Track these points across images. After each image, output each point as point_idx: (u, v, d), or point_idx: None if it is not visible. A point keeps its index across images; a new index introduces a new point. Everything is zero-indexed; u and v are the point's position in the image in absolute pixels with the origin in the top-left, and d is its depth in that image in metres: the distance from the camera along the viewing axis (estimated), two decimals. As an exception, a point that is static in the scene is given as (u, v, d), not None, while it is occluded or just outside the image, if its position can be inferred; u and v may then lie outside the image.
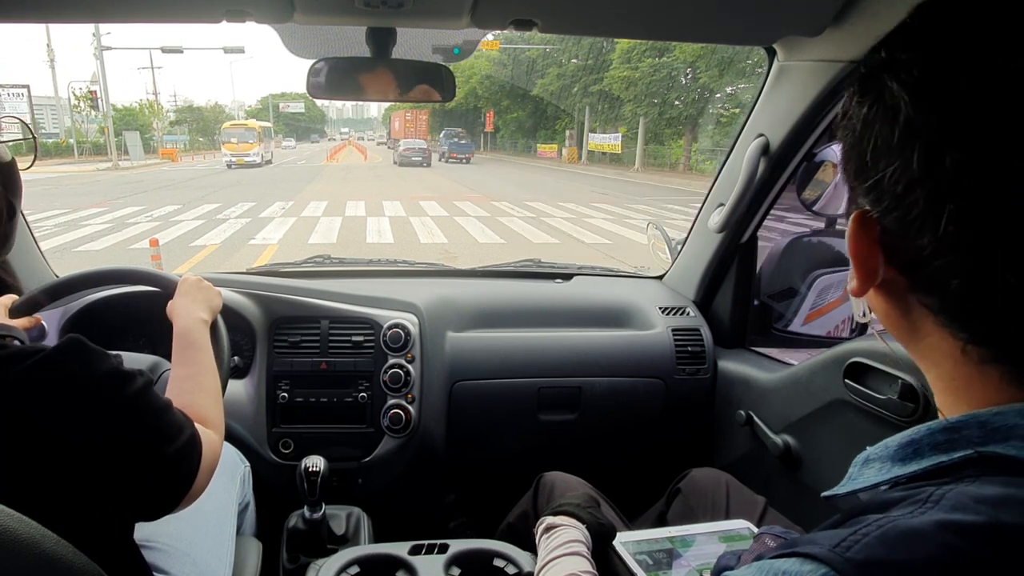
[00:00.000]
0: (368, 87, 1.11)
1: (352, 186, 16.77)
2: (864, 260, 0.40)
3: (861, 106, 0.39)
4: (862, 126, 0.38)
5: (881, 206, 0.38)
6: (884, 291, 0.41)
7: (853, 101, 0.40)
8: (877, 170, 0.37)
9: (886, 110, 0.36)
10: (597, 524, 0.92)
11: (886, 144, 0.37)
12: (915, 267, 0.38)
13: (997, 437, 0.35)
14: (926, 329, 0.39)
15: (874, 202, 0.38)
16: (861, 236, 0.40)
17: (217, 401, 0.87)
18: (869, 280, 0.40)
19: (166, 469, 0.68)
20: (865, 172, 0.38)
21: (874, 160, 0.37)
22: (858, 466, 0.42)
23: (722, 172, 1.49)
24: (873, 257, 0.40)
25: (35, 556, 0.50)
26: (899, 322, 0.42)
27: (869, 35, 1.02)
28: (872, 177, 0.38)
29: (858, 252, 0.40)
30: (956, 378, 0.39)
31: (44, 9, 1.03)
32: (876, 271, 0.40)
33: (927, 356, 0.41)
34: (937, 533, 0.31)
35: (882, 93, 0.37)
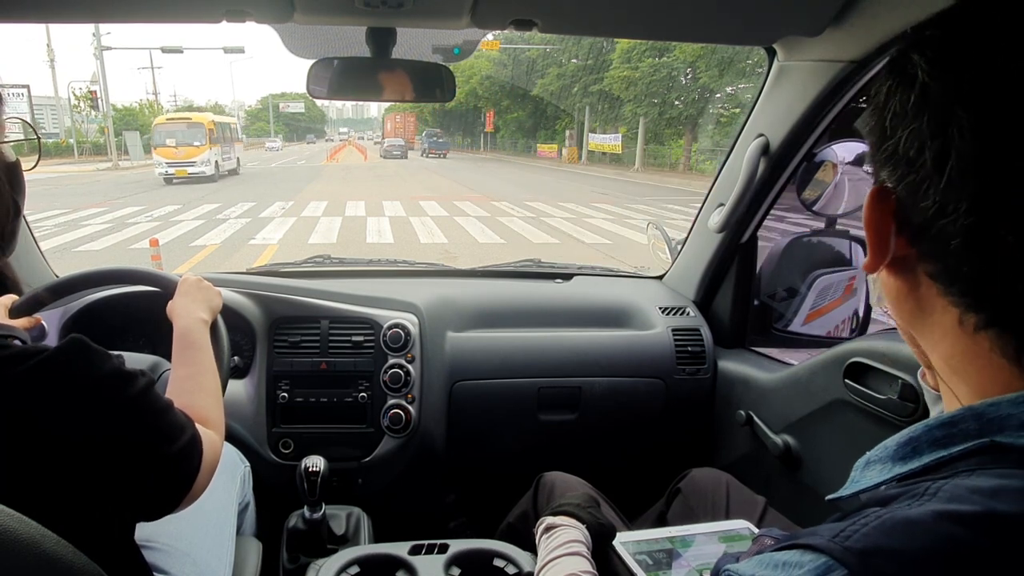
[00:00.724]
0: (368, 87, 1.11)
1: (352, 186, 16.77)
2: (878, 233, 0.42)
3: (886, 80, 0.41)
4: (884, 98, 0.41)
5: (896, 174, 0.40)
6: (895, 268, 0.43)
7: (882, 79, 0.42)
8: (895, 136, 0.39)
9: (906, 79, 0.39)
10: (597, 524, 0.92)
11: (903, 109, 0.39)
12: (922, 233, 0.39)
13: (992, 429, 0.36)
14: (931, 304, 0.41)
15: (891, 172, 0.41)
16: (876, 208, 0.42)
17: (218, 401, 0.87)
18: (882, 254, 0.42)
19: (167, 469, 0.68)
20: (884, 141, 0.41)
21: (892, 127, 0.40)
22: (859, 469, 0.43)
23: (722, 172, 1.49)
24: (886, 228, 0.41)
25: (35, 556, 0.50)
26: (906, 300, 0.43)
27: (869, 35, 1.02)
28: (890, 145, 0.40)
29: (872, 223, 0.42)
30: (954, 355, 0.40)
31: (44, 9, 1.03)
32: (888, 244, 0.41)
33: (931, 335, 0.42)
34: (935, 522, 0.32)
35: (905, 66, 0.40)
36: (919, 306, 0.42)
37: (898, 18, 0.96)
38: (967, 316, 0.38)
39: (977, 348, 0.38)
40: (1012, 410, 0.36)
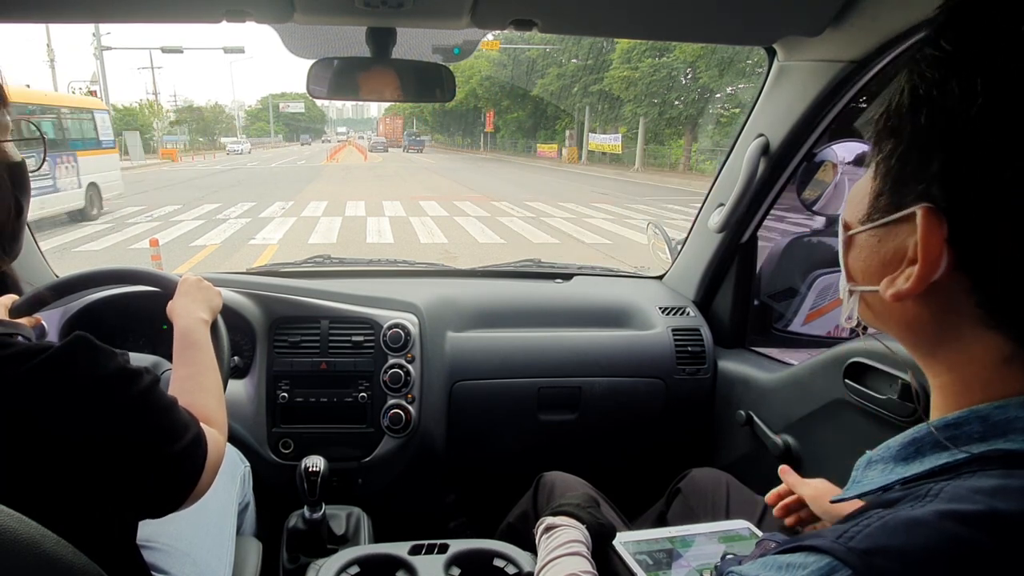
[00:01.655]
0: (368, 87, 1.11)
1: (352, 186, 16.77)
2: (931, 259, 0.37)
3: (948, 80, 0.35)
4: (957, 101, 0.34)
5: (956, 193, 0.35)
6: (925, 293, 0.38)
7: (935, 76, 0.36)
8: (963, 149, 0.34)
9: (987, 80, 0.33)
10: (597, 524, 0.92)
11: (982, 118, 0.33)
12: (983, 262, 0.35)
13: (997, 431, 0.36)
14: (959, 331, 0.38)
15: (948, 189, 0.35)
16: (932, 232, 0.36)
17: (220, 400, 0.87)
18: (926, 281, 0.37)
19: (172, 467, 0.68)
20: (946, 153, 0.35)
21: (962, 137, 0.34)
22: (861, 469, 0.43)
23: (722, 172, 1.49)
24: (939, 255, 0.36)
25: (35, 556, 0.50)
26: (926, 327, 0.40)
27: (869, 35, 1.02)
28: (952, 157, 0.35)
29: (928, 251, 0.37)
30: (977, 379, 0.38)
31: (44, 9, 1.03)
32: (937, 271, 0.37)
33: (945, 360, 0.40)
34: (937, 521, 0.32)
35: (976, 65, 0.34)
36: (939, 333, 0.39)
37: (898, 18, 0.96)
38: (1009, 347, 0.36)
39: (1007, 375, 0.37)
40: (1020, 412, 0.35)
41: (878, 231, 0.41)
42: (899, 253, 0.39)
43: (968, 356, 0.38)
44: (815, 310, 1.50)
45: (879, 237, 0.41)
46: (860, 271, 0.44)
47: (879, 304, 0.43)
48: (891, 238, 0.40)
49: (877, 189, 0.41)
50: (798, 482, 0.83)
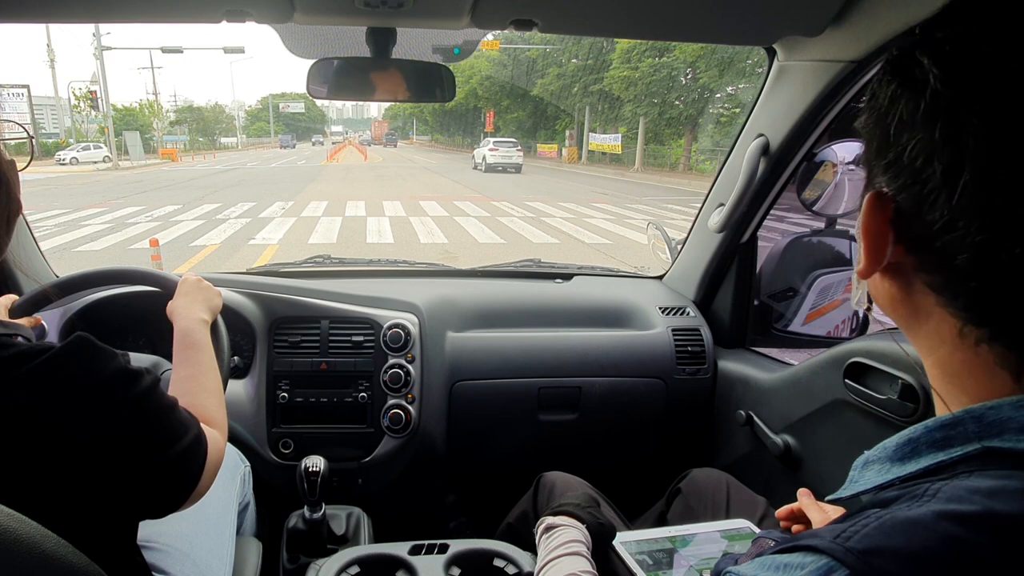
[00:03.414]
0: (368, 87, 1.11)
1: (352, 186, 16.77)
2: (874, 240, 0.41)
3: (889, 84, 0.40)
4: (888, 102, 0.39)
5: (897, 183, 0.39)
6: (889, 274, 0.42)
7: (882, 80, 0.41)
8: (899, 144, 0.38)
9: (915, 84, 0.37)
10: (597, 524, 0.92)
11: (911, 117, 0.37)
12: (924, 244, 0.38)
13: (992, 431, 0.36)
14: (927, 312, 0.40)
15: (891, 179, 0.39)
16: (874, 215, 0.40)
17: (220, 401, 0.87)
18: (877, 261, 0.41)
19: (172, 468, 0.68)
20: (886, 148, 0.39)
21: (896, 135, 0.38)
22: (858, 469, 0.43)
23: (722, 172, 1.49)
24: (883, 237, 0.40)
25: (35, 556, 0.50)
26: (901, 306, 0.42)
27: (869, 35, 1.02)
28: (892, 152, 0.39)
29: (869, 231, 0.41)
30: (952, 363, 0.40)
31: (44, 9, 1.03)
32: (885, 251, 0.40)
33: (926, 341, 0.42)
34: (934, 522, 0.32)
35: (912, 70, 0.38)
36: (914, 312, 0.41)
37: (898, 18, 0.96)
38: (968, 329, 0.38)
39: (977, 359, 0.38)
40: (1013, 413, 0.36)
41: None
42: None
43: (939, 336, 0.40)
44: (815, 310, 1.50)
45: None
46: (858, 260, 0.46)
47: (871, 288, 0.45)
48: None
49: (864, 184, 0.44)
50: (811, 505, 0.82)
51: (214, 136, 55.44)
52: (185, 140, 47.49)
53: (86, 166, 25.65)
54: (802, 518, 0.84)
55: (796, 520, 0.85)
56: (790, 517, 0.85)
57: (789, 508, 0.86)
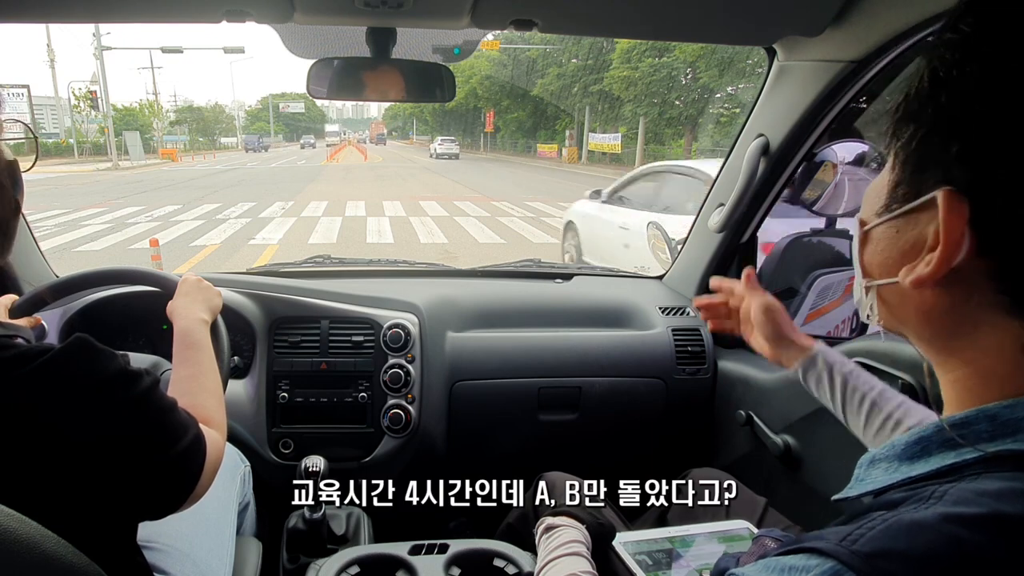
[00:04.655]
0: (368, 87, 1.11)
1: (352, 186, 16.77)
2: (954, 243, 0.36)
3: (971, 57, 0.34)
4: (978, 79, 0.34)
5: (979, 174, 0.35)
6: (945, 281, 0.37)
7: (955, 54, 0.35)
8: (985, 128, 0.34)
9: (1012, 57, 0.33)
10: (597, 524, 0.92)
11: (1007, 96, 0.33)
12: (1006, 245, 0.35)
13: (1006, 431, 0.35)
14: (979, 321, 0.37)
15: (970, 171, 0.35)
16: (954, 216, 0.35)
17: (219, 401, 0.87)
18: (948, 265, 0.36)
19: (171, 469, 0.68)
20: (966, 134, 0.35)
21: (983, 117, 0.34)
22: (864, 467, 0.42)
23: (722, 172, 1.49)
24: (959, 239, 0.36)
25: (35, 556, 0.50)
26: (943, 316, 0.39)
27: (869, 35, 1.02)
28: (974, 138, 0.34)
29: (950, 234, 0.36)
30: (996, 371, 0.37)
31: (44, 9, 1.03)
32: (956, 256, 0.36)
33: (960, 353, 0.39)
34: (941, 524, 0.32)
35: (1000, 40, 0.33)
36: (957, 321, 0.39)
37: (898, 18, 0.96)
38: None
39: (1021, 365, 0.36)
40: None
41: (896, 222, 0.40)
42: (919, 242, 0.39)
43: (985, 347, 0.38)
44: (815, 310, 1.50)
45: (897, 228, 0.41)
46: (877, 265, 0.43)
47: (896, 297, 0.42)
48: (910, 227, 0.39)
49: (895, 179, 0.40)
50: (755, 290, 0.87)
51: (214, 136, 55.42)
52: (185, 140, 47.46)
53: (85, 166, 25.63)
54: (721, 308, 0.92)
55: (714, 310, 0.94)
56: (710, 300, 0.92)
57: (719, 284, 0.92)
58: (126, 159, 28.27)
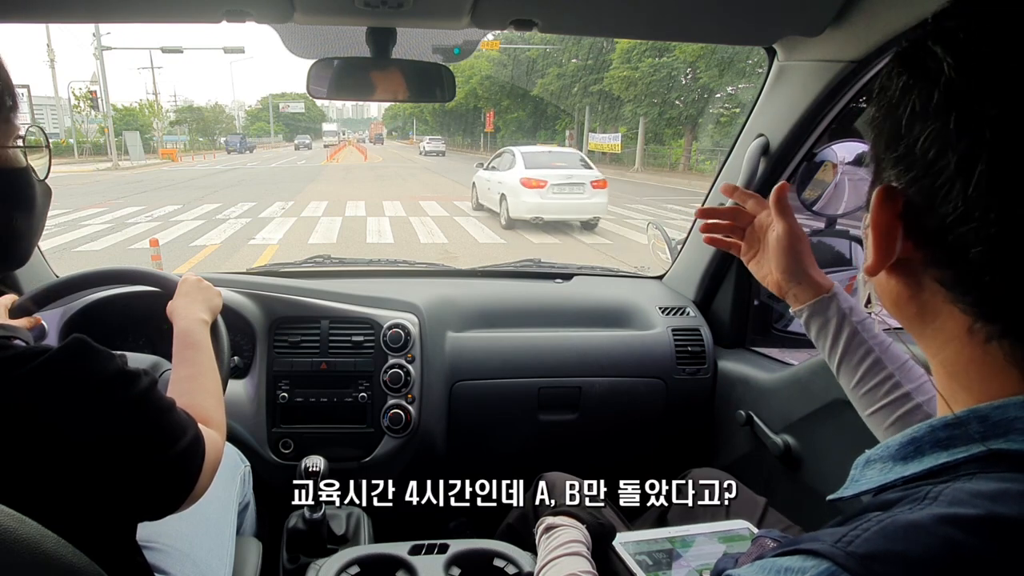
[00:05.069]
0: (368, 87, 1.11)
1: (352, 186, 16.76)
2: (884, 235, 0.40)
3: (900, 75, 0.39)
4: (900, 93, 0.38)
5: (909, 175, 0.38)
6: (897, 271, 0.41)
7: (892, 72, 0.40)
8: (911, 136, 0.37)
9: (927, 74, 0.37)
10: (597, 524, 0.92)
11: (924, 108, 0.37)
12: (935, 239, 0.37)
13: (997, 432, 0.36)
14: (935, 309, 0.40)
15: (902, 172, 0.39)
16: (884, 210, 0.40)
17: (219, 401, 0.87)
18: (886, 257, 0.40)
19: (170, 469, 0.68)
20: (897, 141, 0.39)
21: (908, 126, 0.38)
22: (859, 468, 0.43)
23: (722, 172, 1.49)
24: (893, 232, 0.39)
25: (35, 556, 0.50)
26: (908, 304, 0.42)
27: (869, 35, 1.02)
28: (903, 145, 0.38)
29: (879, 226, 0.40)
30: (959, 361, 0.39)
31: (44, 9, 1.03)
32: (894, 247, 0.40)
33: (933, 340, 0.41)
34: (936, 526, 0.32)
35: (924, 60, 0.37)
36: (921, 311, 0.41)
37: (898, 18, 0.96)
38: (979, 325, 0.37)
39: (986, 357, 0.37)
40: (1019, 412, 0.35)
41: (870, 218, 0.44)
42: None
43: (946, 334, 0.40)
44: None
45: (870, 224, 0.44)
46: (867, 257, 0.46)
47: (876, 287, 0.45)
48: None
49: (871, 180, 0.43)
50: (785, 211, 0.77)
51: (214, 136, 55.36)
52: (185, 140, 47.43)
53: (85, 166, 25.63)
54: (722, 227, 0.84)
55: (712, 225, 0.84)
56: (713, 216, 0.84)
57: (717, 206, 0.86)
58: (126, 159, 28.27)
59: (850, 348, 0.76)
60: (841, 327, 0.76)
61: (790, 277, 0.77)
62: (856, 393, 0.77)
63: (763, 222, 0.80)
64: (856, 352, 0.76)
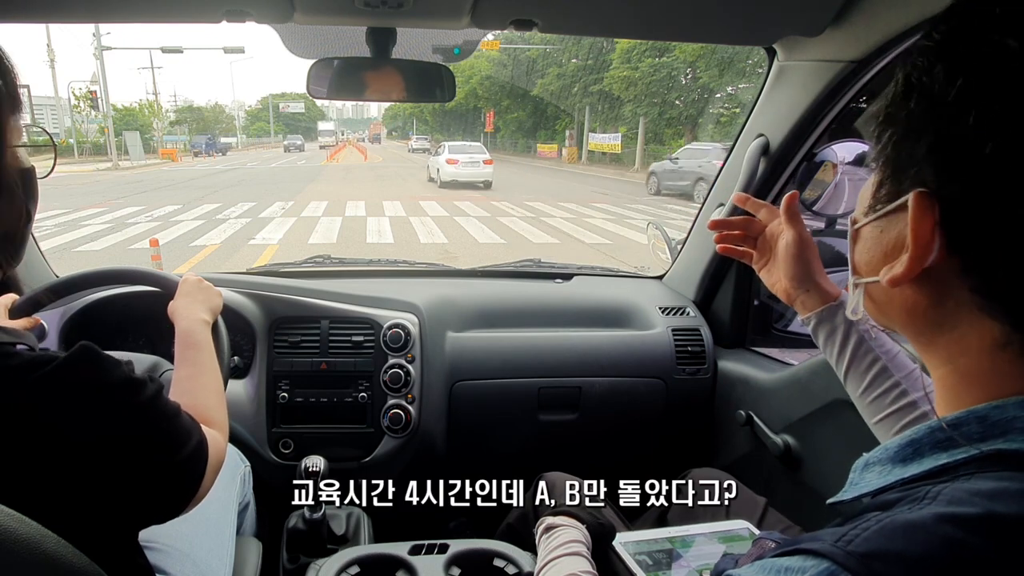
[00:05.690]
0: (368, 87, 1.11)
1: (352, 186, 16.76)
2: (922, 243, 0.37)
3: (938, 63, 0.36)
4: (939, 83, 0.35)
5: (946, 176, 0.36)
6: (920, 279, 0.39)
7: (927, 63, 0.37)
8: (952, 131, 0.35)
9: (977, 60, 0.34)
10: (597, 524, 0.92)
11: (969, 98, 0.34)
12: (974, 244, 0.36)
13: (996, 432, 0.36)
14: (957, 318, 0.38)
15: (939, 172, 0.36)
16: (923, 215, 0.37)
17: (221, 401, 0.87)
18: (920, 265, 0.38)
19: (175, 474, 0.68)
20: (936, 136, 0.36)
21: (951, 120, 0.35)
22: (858, 471, 0.43)
23: (722, 172, 1.49)
24: (931, 238, 0.37)
25: (35, 556, 0.50)
26: (924, 314, 0.40)
27: (869, 35, 1.02)
28: (943, 141, 0.36)
29: (919, 234, 0.37)
30: (973, 370, 0.38)
31: (44, 9, 1.03)
32: (929, 255, 0.37)
33: (944, 350, 0.40)
34: (935, 524, 0.32)
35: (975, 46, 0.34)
36: (938, 320, 0.39)
37: (898, 18, 0.96)
38: (1005, 333, 0.36)
39: (1004, 365, 0.37)
40: (1018, 412, 0.35)
41: (880, 222, 0.42)
42: (900, 241, 0.40)
43: (964, 345, 0.38)
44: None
45: (882, 228, 0.42)
46: (864, 263, 0.44)
47: (882, 295, 0.43)
48: (892, 227, 0.41)
49: (879, 180, 0.42)
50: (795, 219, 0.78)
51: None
52: (185, 140, 47.39)
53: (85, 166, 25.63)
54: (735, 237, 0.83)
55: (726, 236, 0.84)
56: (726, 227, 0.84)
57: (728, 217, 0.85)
58: (126, 159, 28.26)
59: (857, 356, 0.76)
60: (848, 335, 0.76)
61: (798, 284, 0.77)
62: (863, 401, 0.77)
63: (774, 231, 0.81)
64: (863, 360, 0.76)
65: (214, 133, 44.65)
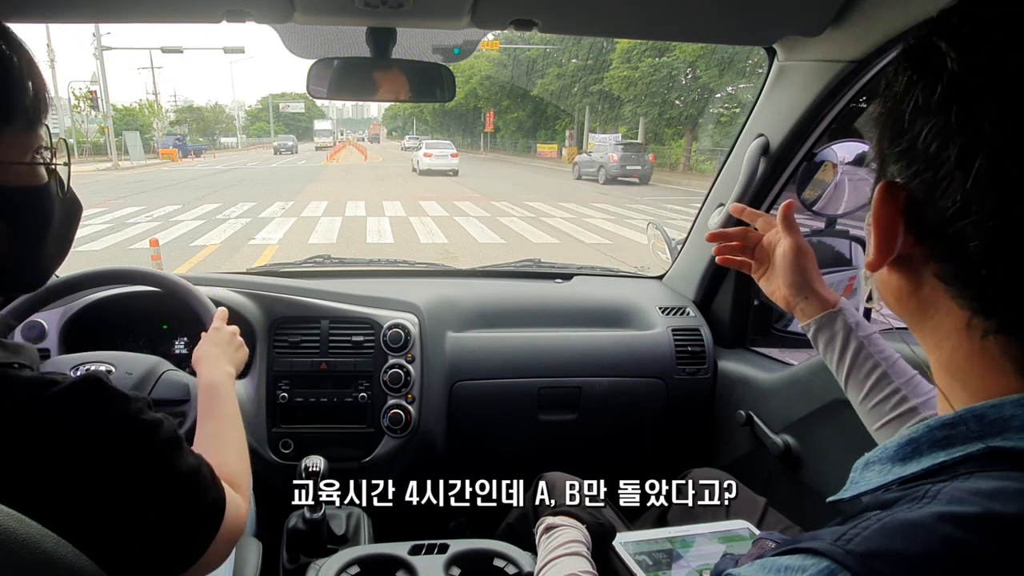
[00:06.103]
0: (368, 87, 1.11)
1: (352, 186, 16.76)
2: (886, 230, 0.40)
3: (905, 71, 0.39)
4: (904, 89, 0.39)
5: (910, 170, 0.39)
6: (898, 266, 0.42)
7: (898, 69, 0.41)
8: (913, 131, 0.38)
9: (932, 69, 0.37)
10: (597, 524, 0.92)
11: (927, 103, 0.37)
12: (935, 233, 0.38)
13: (994, 430, 0.36)
14: (934, 305, 0.40)
15: (904, 167, 0.39)
16: (886, 205, 0.40)
17: (244, 457, 0.82)
18: (888, 252, 0.41)
19: (181, 530, 0.61)
20: (900, 136, 0.39)
21: (911, 121, 0.38)
22: (859, 470, 0.43)
23: (722, 172, 1.49)
24: (894, 226, 0.40)
25: (35, 556, 0.50)
26: (908, 300, 0.42)
27: (869, 35, 1.02)
28: (906, 139, 0.39)
29: (881, 221, 0.41)
30: (956, 358, 0.40)
31: (44, 9, 1.03)
32: (895, 242, 0.40)
33: (932, 337, 0.41)
34: (935, 524, 0.32)
35: (929, 55, 0.38)
36: (921, 306, 0.41)
37: (898, 18, 0.96)
38: (976, 320, 0.37)
39: (983, 353, 0.38)
40: (1015, 411, 0.35)
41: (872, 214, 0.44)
42: None
43: (944, 330, 0.40)
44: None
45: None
46: (869, 253, 0.46)
47: (879, 283, 0.45)
48: None
49: (875, 175, 0.44)
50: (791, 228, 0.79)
51: (214, 136, 55.30)
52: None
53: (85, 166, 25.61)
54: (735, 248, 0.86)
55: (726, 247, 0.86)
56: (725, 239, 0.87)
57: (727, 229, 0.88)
58: (126, 159, 28.25)
59: (857, 362, 0.77)
60: (848, 341, 0.77)
61: (797, 292, 0.79)
62: (864, 407, 0.78)
63: (771, 240, 0.82)
64: (863, 366, 0.77)
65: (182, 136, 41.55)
